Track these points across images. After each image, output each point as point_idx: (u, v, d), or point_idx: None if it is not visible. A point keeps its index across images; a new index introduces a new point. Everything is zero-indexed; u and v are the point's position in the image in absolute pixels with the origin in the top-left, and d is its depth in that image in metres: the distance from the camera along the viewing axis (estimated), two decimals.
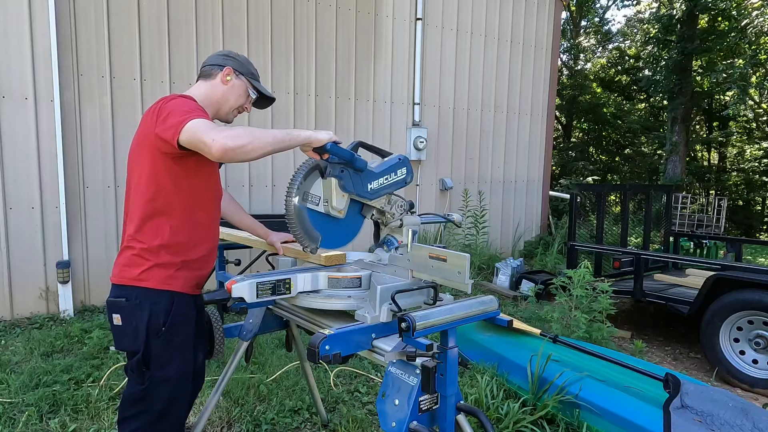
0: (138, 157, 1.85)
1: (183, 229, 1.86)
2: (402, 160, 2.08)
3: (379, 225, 2.17)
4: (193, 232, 1.90)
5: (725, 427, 2.32)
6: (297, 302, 1.95)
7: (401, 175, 2.07)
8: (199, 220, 1.92)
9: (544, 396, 3.04)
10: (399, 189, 2.10)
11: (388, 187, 2.04)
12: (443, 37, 7.21)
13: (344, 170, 1.89)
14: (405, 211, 2.12)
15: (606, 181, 17.97)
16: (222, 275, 3.47)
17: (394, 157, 2.09)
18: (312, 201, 1.94)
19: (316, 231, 1.96)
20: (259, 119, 5.66)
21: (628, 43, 19.95)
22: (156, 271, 1.82)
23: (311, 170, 1.93)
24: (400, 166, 2.06)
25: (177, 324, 1.85)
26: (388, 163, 2.05)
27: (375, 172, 2.00)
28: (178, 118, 1.68)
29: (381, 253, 2.16)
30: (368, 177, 1.97)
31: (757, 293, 3.85)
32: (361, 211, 2.08)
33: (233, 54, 2.07)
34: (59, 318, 4.69)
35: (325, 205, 1.95)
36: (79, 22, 4.72)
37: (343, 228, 2.04)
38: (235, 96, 2.03)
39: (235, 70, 2.01)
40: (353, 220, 2.06)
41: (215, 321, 2.22)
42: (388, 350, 1.68)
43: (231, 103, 2.04)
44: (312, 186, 1.94)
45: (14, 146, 4.55)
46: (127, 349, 1.87)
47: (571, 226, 5.56)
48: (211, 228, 2.01)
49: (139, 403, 1.84)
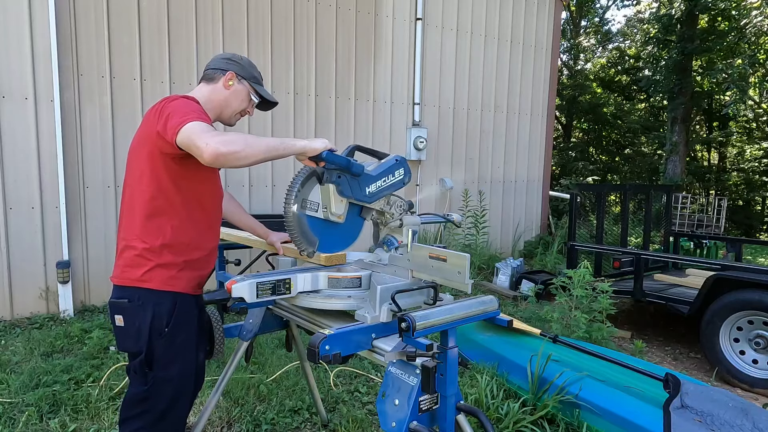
0: (138, 156, 1.85)
1: (184, 229, 1.86)
2: (399, 161, 2.07)
3: (378, 225, 2.17)
4: (195, 232, 1.90)
5: (725, 427, 2.32)
6: (297, 302, 1.95)
7: (399, 176, 2.07)
8: (200, 220, 1.93)
9: (544, 396, 3.04)
10: (398, 190, 2.10)
11: (387, 188, 2.04)
12: (443, 37, 7.21)
13: (341, 176, 1.89)
14: (404, 211, 2.12)
15: (606, 181, 17.97)
16: (222, 275, 3.47)
17: (391, 158, 2.08)
18: (311, 208, 1.95)
19: (316, 236, 1.97)
20: (260, 119, 5.67)
21: (628, 43, 19.95)
22: (158, 272, 1.82)
23: (309, 177, 1.94)
24: (397, 167, 2.06)
25: (180, 324, 1.85)
26: (385, 165, 2.05)
27: (372, 175, 1.99)
28: (178, 119, 1.68)
29: (381, 253, 2.17)
30: (366, 181, 1.96)
31: (757, 293, 3.85)
32: (361, 214, 2.08)
33: (236, 58, 2.06)
34: (59, 318, 4.69)
35: (324, 211, 1.96)
36: (79, 22, 4.72)
37: (344, 231, 2.05)
38: (238, 101, 2.04)
39: (237, 75, 2.01)
40: (353, 223, 2.07)
41: (215, 321, 2.22)
42: (388, 350, 1.68)
43: (233, 108, 2.04)
44: (310, 193, 1.95)
45: (14, 146, 4.55)
46: (130, 350, 1.87)
47: (571, 226, 5.56)
48: (212, 228, 2.01)
49: (142, 404, 1.84)
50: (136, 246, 1.83)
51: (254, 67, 2.09)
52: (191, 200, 1.88)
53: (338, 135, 6.37)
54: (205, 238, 1.96)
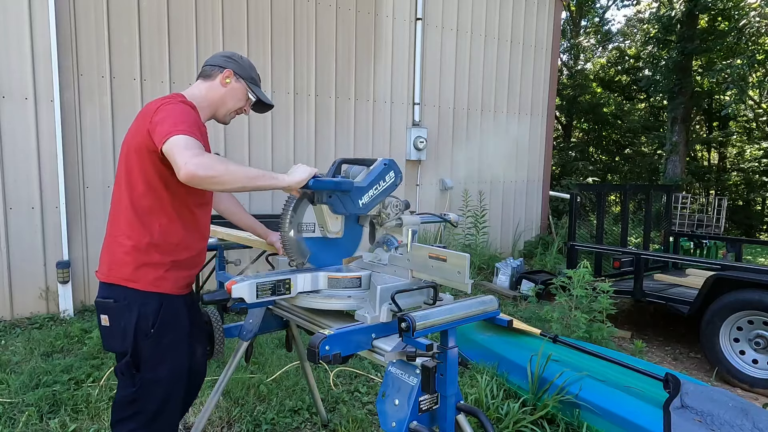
0: (129, 151, 1.84)
1: (172, 228, 1.85)
2: (387, 165, 2.02)
3: (374, 225, 2.16)
4: (183, 232, 1.89)
5: (725, 427, 2.32)
6: (297, 302, 1.95)
7: (390, 180, 2.03)
8: (189, 220, 1.91)
9: (544, 396, 3.04)
10: (392, 192, 2.08)
11: (380, 195, 2.01)
12: (443, 37, 7.21)
13: (332, 195, 1.88)
14: (400, 210, 2.11)
15: (606, 181, 17.97)
16: (222, 275, 3.46)
17: (379, 163, 2.03)
18: (307, 230, 1.97)
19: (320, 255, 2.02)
20: (260, 119, 5.67)
21: (628, 43, 19.95)
22: (145, 271, 1.81)
23: (299, 201, 1.95)
24: (386, 171, 2.01)
25: (166, 325, 1.84)
26: (374, 173, 1.99)
27: (363, 186, 1.95)
28: (167, 128, 1.67)
29: (381, 252, 2.16)
30: (357, 193, 1.93)
31: (757, 293, 3.85)
32: (358, 221, 2.10)
33: (236, 56, 2.04)
34: (59, 318, 4.69)
35: (321, 230, 1.97)
36: (79, 22, 4.72)
37: (345, 243, 2.08)
38: (234, 99, 2.02)
39: (235, 73, 1.99)
40: (353, 232, 2.10)
41: (215, 321, 2.22)
42: (388, 350, 1.68)
43: (229, 106, 2.02)
44: (304, 215, 1.97)
45: (14, 146, 4.55)
46: (115, 350, 1.86)
47: (571, 226, 5.55)
48: (200, 229, 1.99)
49: (131, 405, 1.83)
50: (123, 243, 1.82)
51: (254, 69, 2.08)
52: (179, 200, 1.85)
53: (338, 135, 6.37)
54: (194, 238, 1.94)
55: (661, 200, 6.80)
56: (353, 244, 2.10)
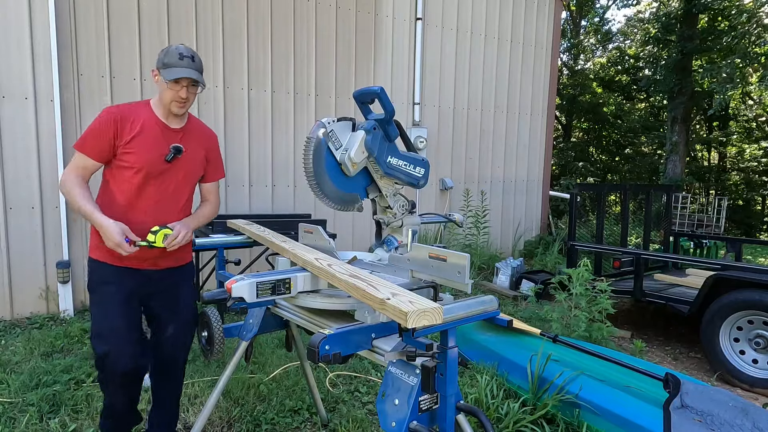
0: None
1: (105, 210, 2.18)
2: (425, 162, 2.16)
3: (380, 225, 2.17)
4: (110, 214, 2.16)
5: (725, 426, 2.32)
6: (297, 302, 1.95)
7: (418, 173, 2.13)
8: (118, 205, 2.24)
9: (544, 396, 3.04)
10: (409, 185, 2.12)
11: (403, 174, 2.09)
12: (443, 37, 7.21)
13: (376, 128, 1.92)
14: (406, 211, 2.13)
15: (606, 181, 17.97)
16: (222, 275, 3.46)
17: (422, 156, 2.19)
18: (334, 142, 1.98)
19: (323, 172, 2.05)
20: (259, 118, 5.67)
21: (628, 43, 19.95)
22: (92, 241, 2.30)
23: (344, 119, 2.02)
24: (421, 165, 2.14)
25: (97, 285, 2.26)
26: (413, 156, 2.14)
27: (399, 151, 2.07)
28: (81, 136, 2.24)
29: (381, 252, 2.17)
30: (392, 150, 2.04)
31: (757, 293, 3.84)
32: (367, 188, 2.12)
33: (161, 52, 2.20)
34: (59, 318, 4.69)
35: (343, 154, 1.99)
36: (79, 22, 4.72)
37: (344, 188, 2.10)
38: (163, 89, 2.19)
39: (157, 68, 2.18)
40: (355, 188, 2.12)
41: (215, 321, 2.22)
42: (388, 350, 1.68)
43: (165, 99, 2.21)
44: (340, 131, 2.02)
45: (14, 146, 4.55)
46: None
47: (571, 226, 5.55)
48: (126, 216, 2.22)
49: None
50: None
51: (167, 53, 2.18)
52: (113, 187, 2.25)
53: None
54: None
55: (661, 200, 6.80)
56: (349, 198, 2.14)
